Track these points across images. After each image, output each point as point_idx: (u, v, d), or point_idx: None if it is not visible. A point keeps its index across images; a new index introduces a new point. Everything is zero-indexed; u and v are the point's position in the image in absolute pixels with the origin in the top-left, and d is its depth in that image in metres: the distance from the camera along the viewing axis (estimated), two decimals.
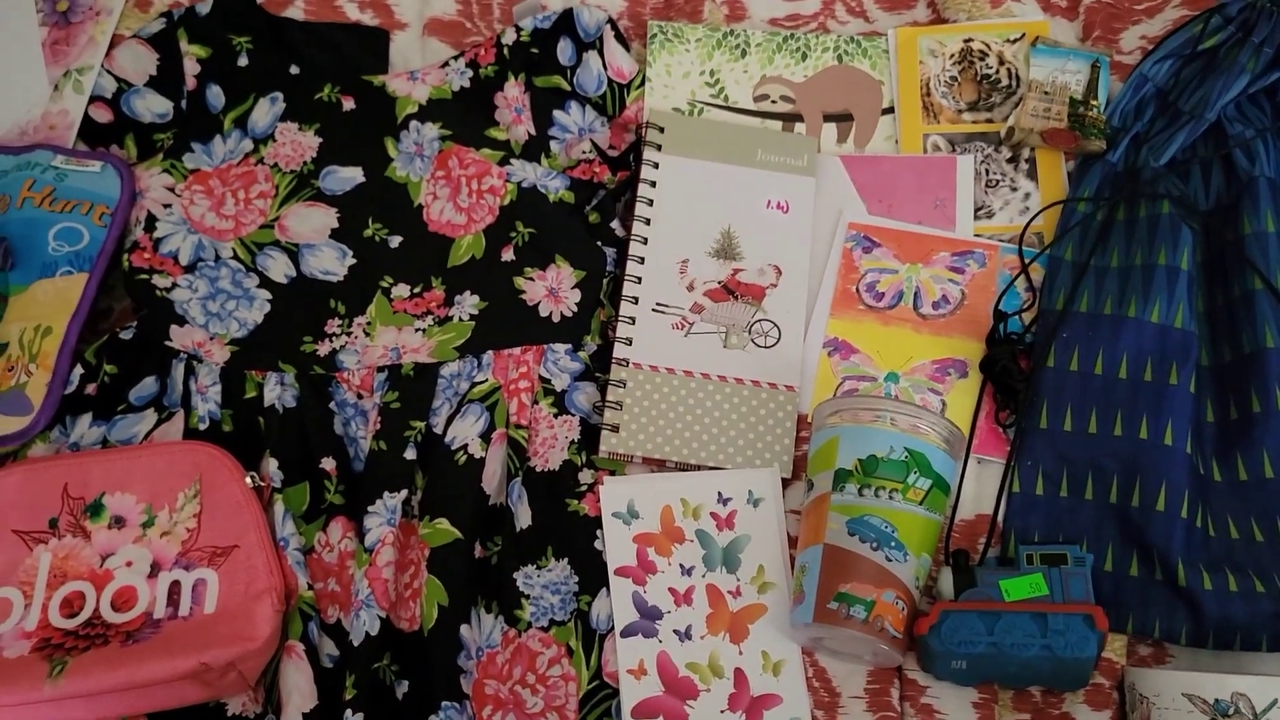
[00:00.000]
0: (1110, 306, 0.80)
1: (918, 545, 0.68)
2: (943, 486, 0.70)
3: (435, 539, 0.74)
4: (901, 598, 0.67)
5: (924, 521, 0.69)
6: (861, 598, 0.67)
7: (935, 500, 0.69)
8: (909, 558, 0.68)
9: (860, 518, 0.68)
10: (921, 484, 0.68)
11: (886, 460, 0.68)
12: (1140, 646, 0.75)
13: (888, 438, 0.69)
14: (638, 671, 0.73)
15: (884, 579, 0.67)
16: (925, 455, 0.68)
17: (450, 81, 0.88)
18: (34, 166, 0.85)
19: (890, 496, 0.68)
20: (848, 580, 0.67)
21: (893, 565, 0.67)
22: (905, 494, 0.68)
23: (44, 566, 0.72)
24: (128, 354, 0.79)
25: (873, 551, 0.67)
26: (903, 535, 0.68)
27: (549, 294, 0.82)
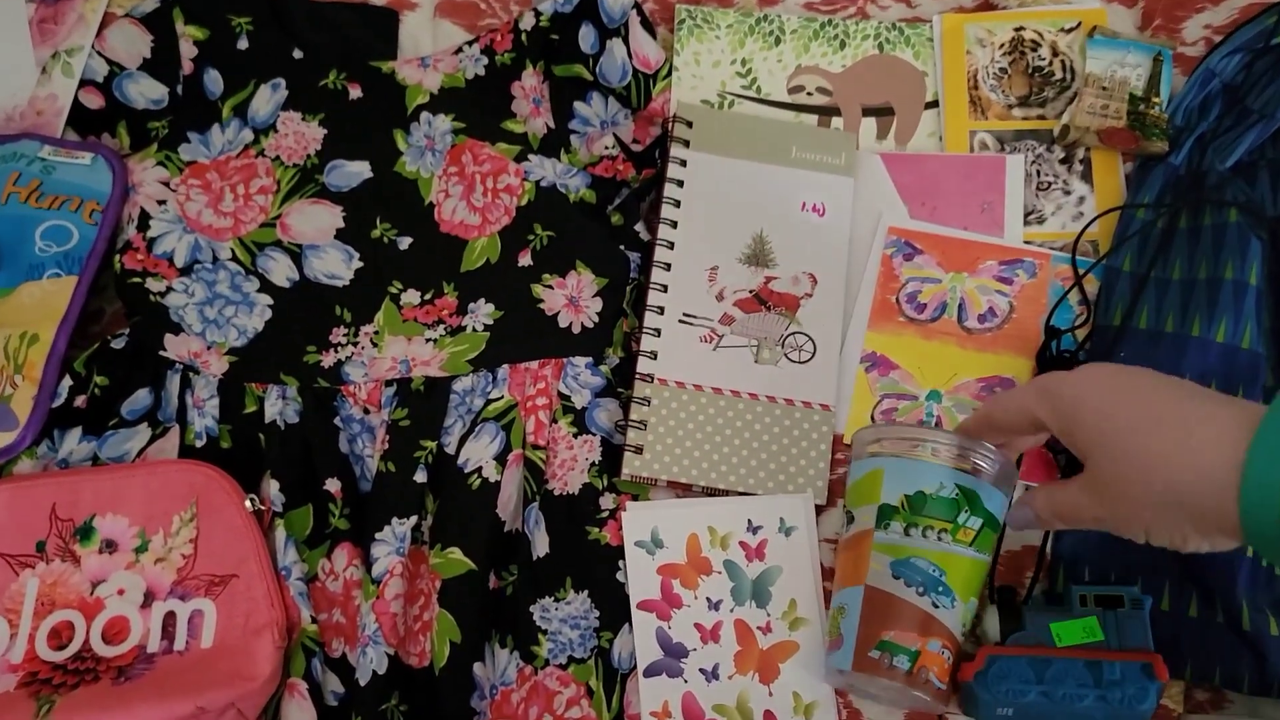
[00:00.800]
0: (1172, 324, 0.74)
1: (965, 589, 0.62)
2: (993, 525, 0.63)
3: (447, 570, 0.69)
4: (948, 646, 0.62)
5: (972, 563, 0.63)
6: (906, 647, 0.61)
7: (984, 540, 0.63)
8: (956, 603, 0.62)
9: (906, 559, 0.62)
10: (972, 524, 0.62)
11: (935, 498, 0.62)
12: (1198, 692, 0.70)
13: (938, 473, 0.62)
14: (661, 714, 0.68)
15: (930, 627, 0.61)
16: (977, 492, 0.62)
17: (464, 69, 0.82)
18: (20, 158, 0.79)
19: (939, 538, 0.62)
20: (890, 627, 0.61)
21: (940, 612, 0.61)
22: (955, 535, 0.62)
23: (31, 593, 0.68)
24: (120, 364, 0.75)
25: (919, 597, 0.62)
26: (951, 579, 0.62)
27: (569, 303, 0.77)
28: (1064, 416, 0.56)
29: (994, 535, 0.64)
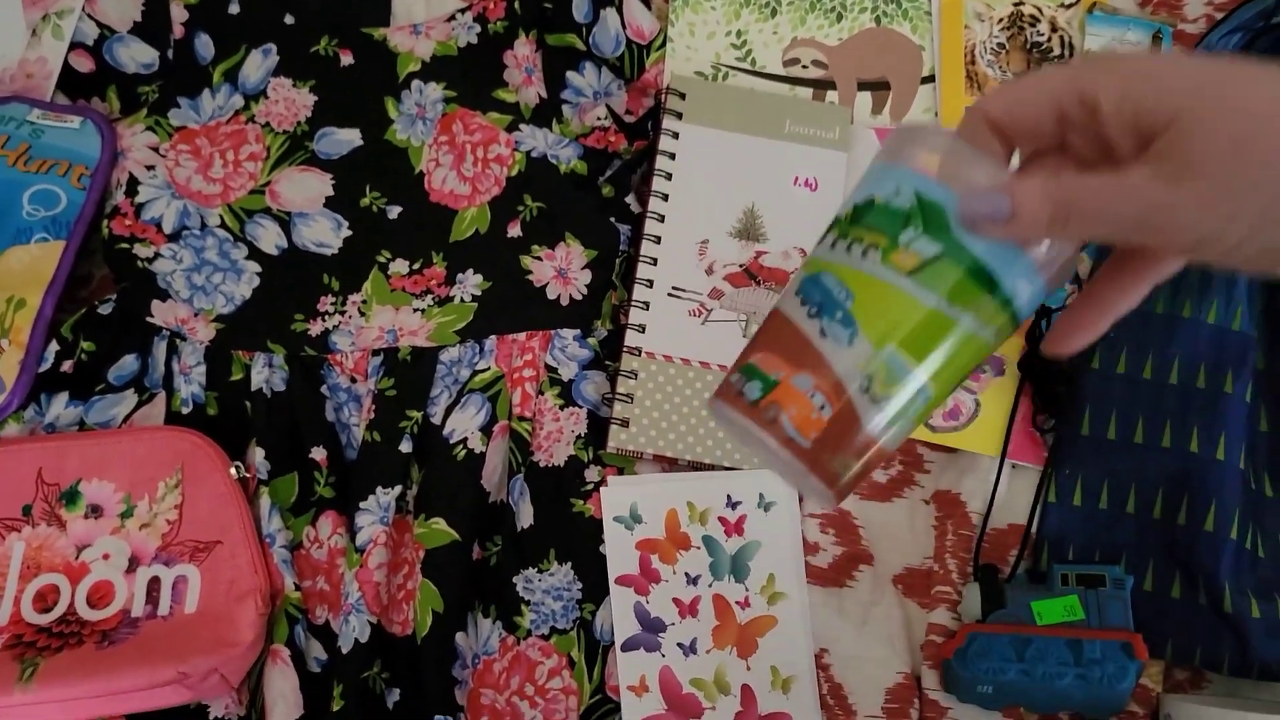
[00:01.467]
0: (1162, 305, 0.74)
1: (882, 330, 0.41)
2: (974, 274, 0.40)
3: (431, 540, 0.69)
4: (823, 390, 0.41)
5: (907, 302, 0.41)
6: (764, 373, 0.42)
7: (937, 277, 0.40)
8: (858, 341, 0.41)
9: (816, 275, 0.43)
10: (920, 247, 0.41)
11: (883, 206, 0.42)
12: (1177, 671, 0.70)
13: (898, 176, 0.42)
14: (639, 688, 0.68)
15: (804, 356, 0.42)
16: (942, 208, 0.40)
17: (456, 37, 0.82)
18: (8, 121, 0.79)
19: (865, 254, 0.42)
20: (761, 349, 0.43)
21: (825, 342, 0.41)
22: (887, 255, 0.41)
23: (17, 556, 0.68)
24: (107, 330, 0.74)
25: (808, 319, 0.42)
26: (859, 308, 0.41)
27: (557, 275, 0.77)
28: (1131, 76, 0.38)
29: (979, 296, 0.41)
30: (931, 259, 0.40)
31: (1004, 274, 0.40)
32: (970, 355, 0.41)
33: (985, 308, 0.40)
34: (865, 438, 0.41)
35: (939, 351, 0.41)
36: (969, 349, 0.40)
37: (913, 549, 0.74)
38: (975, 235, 0.39)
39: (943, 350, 0.41)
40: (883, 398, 0.40)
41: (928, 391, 0.41)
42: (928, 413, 0.42)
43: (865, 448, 0.41)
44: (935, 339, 0.41)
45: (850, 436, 0.41)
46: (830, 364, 0.41)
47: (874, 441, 0.41)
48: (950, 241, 0.40)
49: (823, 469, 0.41)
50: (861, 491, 0.75)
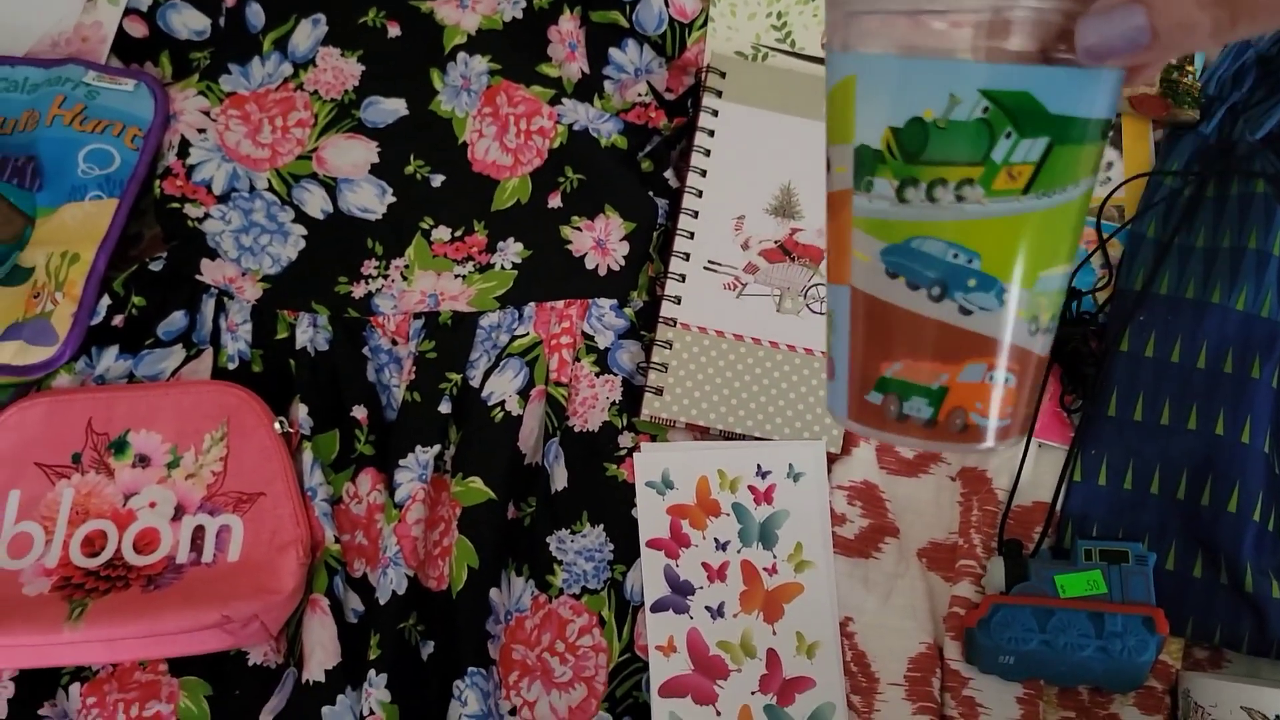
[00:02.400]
0: (1193, 290, 0.75)
1: (1029, 267, 0.34)
2: (1087, 135, 0.32)
3: (468, 498, 0.71)
4: (999, 366, 0.35)
5: (1038, 221, 0.33)
6: (923, 385, 0.36)
7: (1056, 171, 0.32)
8: (1009, 296, 0.34)
9: (906, 244, 0.34)
10: (1025, 155, 0.32)
11: (949, 128, 0.32)
12: (1196, 650, 0.72)
13: (947, 76, 0.32)
14: (667, 648, 0.70)
15: (957, 346, 0.35)
16: (1029, 93, 0.31)
17: (502, 11, 0.83)
18: (65, 82, 0.81)
19: (959, 196, 0.33)
20: (893, 354, 0.36)
21: (973, 319, 0.34)
22: (990, 184, 0.32)
23: (66, 502, 0.71)
24: (157, 286, 0.76)
25: (932, 303, 0.34)
26: (991, 262, 0.33)
27: (596, 245, 0.78)
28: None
29: (1080, 150, 0.33)
30: (1043, 159, 0.32)
31: (1112, 108, 0.33)
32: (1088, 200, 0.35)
33: (1100, 153, 0.34)
34: (1042, 361, 0.36)
35: (1072, 233, 0.34)
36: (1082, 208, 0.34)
37: (937, 523, 0.75)
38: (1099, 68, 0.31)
39: (1074, 228, 0.34)
40: (1052, 321, 0.35)
41: (1070, 269, 0.36)
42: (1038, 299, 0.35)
43: (1042, 369, 0.36)
44: (1070, 227, 0.34)
45: (1038, 373, 0.36)
46: (992, 336, 0.34)
47: (1047, 355, 0.36)
48: (1055, 125, 0.32)
49: (1026, 422, 0.37)
50: (889, 466, 0.76)
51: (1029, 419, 0.37)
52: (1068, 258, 0.34)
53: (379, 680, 0.66)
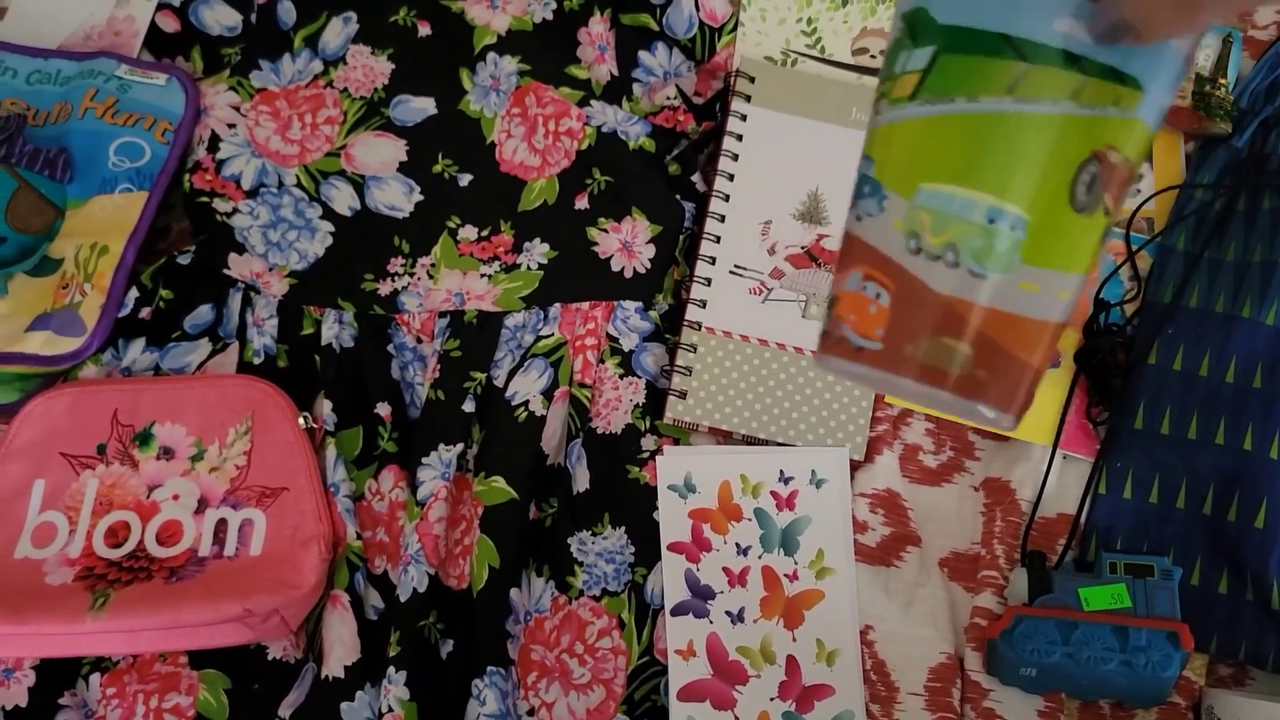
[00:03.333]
0: (1223, 304, 0.74)
1: (907, 174, 0.32)
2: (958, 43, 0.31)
3: (490, 497, 0.71)
4: (874, 277, 0.33)
5: (921, 127, 0.32)
6: (829, 294, 0.35)
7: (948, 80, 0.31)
8: (888, 203, 0.33)
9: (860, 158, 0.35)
10: (914, 62, 0.32)
11: (886, 51, 0.34)
12: (1220, 666, 0.71)
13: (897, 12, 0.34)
14: (686, 652, 0.70)
15: (848, 253, 0.35)
16: (924, 8, 0.32)
17: (532, 12, 0.83)
18: (97, 75, 0.81)
19: (876, 110, 0.34)
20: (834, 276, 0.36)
21: (861, 225, 0.34)
22: (890, 94, 0.33)
23: (90, 493, 0.71)
24: (185, 280, 0.77)
25: (850, 214, 0.35)
26: (881, 167, 0.33)
27: (622, 248, 0.78)
28: None
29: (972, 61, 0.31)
30: (928, 65, 0.31)
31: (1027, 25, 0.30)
32: (1045, 139, 0.30)
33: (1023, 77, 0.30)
34: (950, 307, 0.31)
35: (989, 158, 0.30)
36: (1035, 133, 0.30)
37: (960, 533, 0.75)
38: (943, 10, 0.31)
39: (994, 154, 0.30)
40: (946, 249, 0.31)
41: (1010, 214, 0.31)
42: (1047, 244, 0.31)
43: (958, 321, 0.31)
44: (979, 148, 0.31)
45: (929, 312, 0.31)
46: (867, 242, 0.33)
47: (970, 308, 0.31)
48: (942, 34, 0.31)
49: (909, 364, 0.32)
50: (912, 475, 0.76)
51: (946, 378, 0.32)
52: (965, 178, 0.31)
53: (398, 677, 0.66)
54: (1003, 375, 0.32)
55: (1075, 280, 0.32)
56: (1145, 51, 0.30)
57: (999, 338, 0.31)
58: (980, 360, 0.32)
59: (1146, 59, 0.30)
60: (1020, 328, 0.32)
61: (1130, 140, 0.31)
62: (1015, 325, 0.32)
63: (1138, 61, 0.30)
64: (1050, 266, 0.31)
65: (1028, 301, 0.31)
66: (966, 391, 0.32)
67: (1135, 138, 0.31)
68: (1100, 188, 0.31)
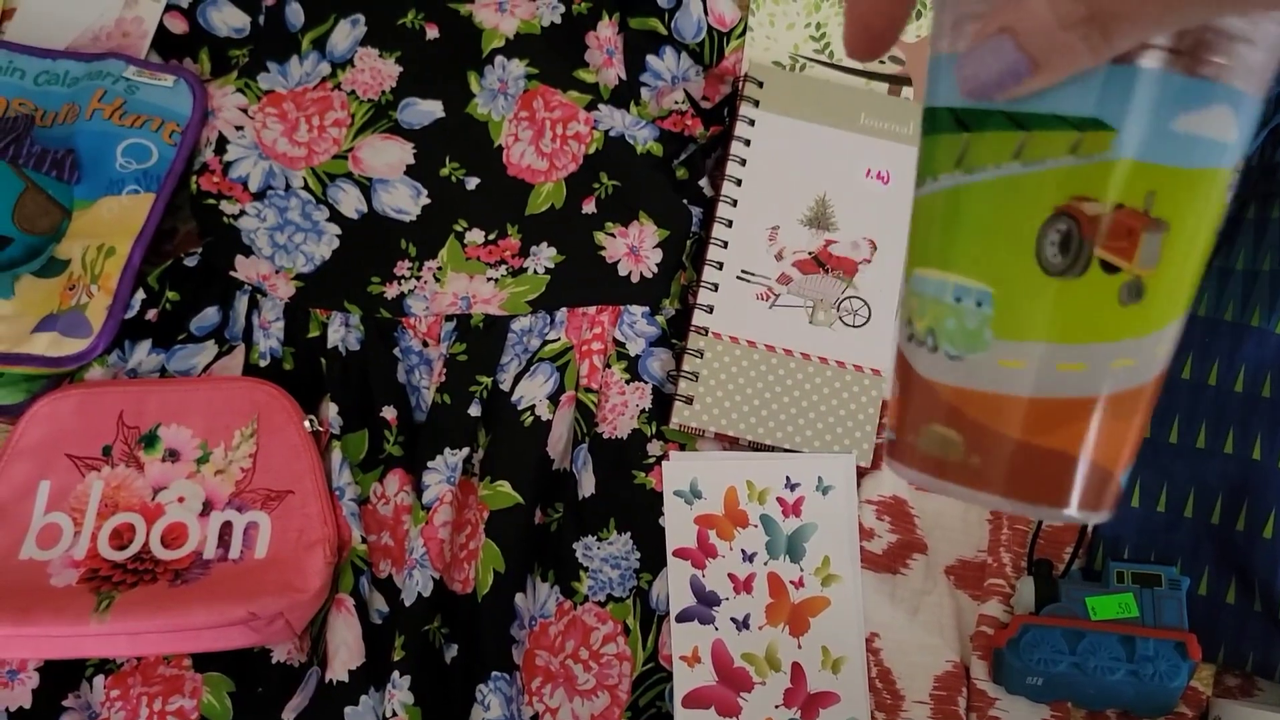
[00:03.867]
0: (1231, 313, 0.74)
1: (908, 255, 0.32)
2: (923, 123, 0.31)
3: (495, 502, 0.71)
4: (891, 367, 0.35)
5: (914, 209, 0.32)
6: None
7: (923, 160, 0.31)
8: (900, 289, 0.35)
9: None
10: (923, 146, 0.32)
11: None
12: (1228, 677, 0.71)
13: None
14: (691, 659, 0.70)
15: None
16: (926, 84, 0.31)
17: (540, 16, 0.83)
18: (105, 76, 0.81)
19: None
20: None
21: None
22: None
23: (95, 494, 0.71)
24: (191, 282, 0.77)
25: None
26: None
27: (629, 252, 0.78)
28: None
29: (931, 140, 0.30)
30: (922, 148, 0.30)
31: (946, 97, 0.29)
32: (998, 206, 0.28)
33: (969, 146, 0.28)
34: (941, 394, 0.30)
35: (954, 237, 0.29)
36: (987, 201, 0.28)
37: (966, 541, 0.75)
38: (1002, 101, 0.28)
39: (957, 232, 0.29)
40: (928, 334, 0.30)
41: (976, 291, 0.29)
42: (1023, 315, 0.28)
43: (952, 407, 0.29)
44: (941, 227, 0.29)
45: (920, 400, 0.30)
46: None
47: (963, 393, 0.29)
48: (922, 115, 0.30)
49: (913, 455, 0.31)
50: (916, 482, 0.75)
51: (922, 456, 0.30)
52: (935, 258, 0.29)
53: (402, 682, 0.66)
54: (1003, 462, 0.29)
55: (1089, 350, 0.28)
56: (1097, 83, 0.27)
57: (986, 420, 0.29)
58: (972, 447, 0.29)
59: (1101, 91, 0.27)
60: (1005, 407, 0.29)
61: (1114, 184, 0.27)
62: (999, 405, 0.29)
63: (1091, 97, 0.27)
64: (1030, 338, 0.28)
65: (1011, 378, 0.28)
66: (966, 481, 0.29)
67: (1123, 180, 0.27)
68: (1084, 245, 0.27)
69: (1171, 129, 0.27)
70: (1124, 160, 0.27)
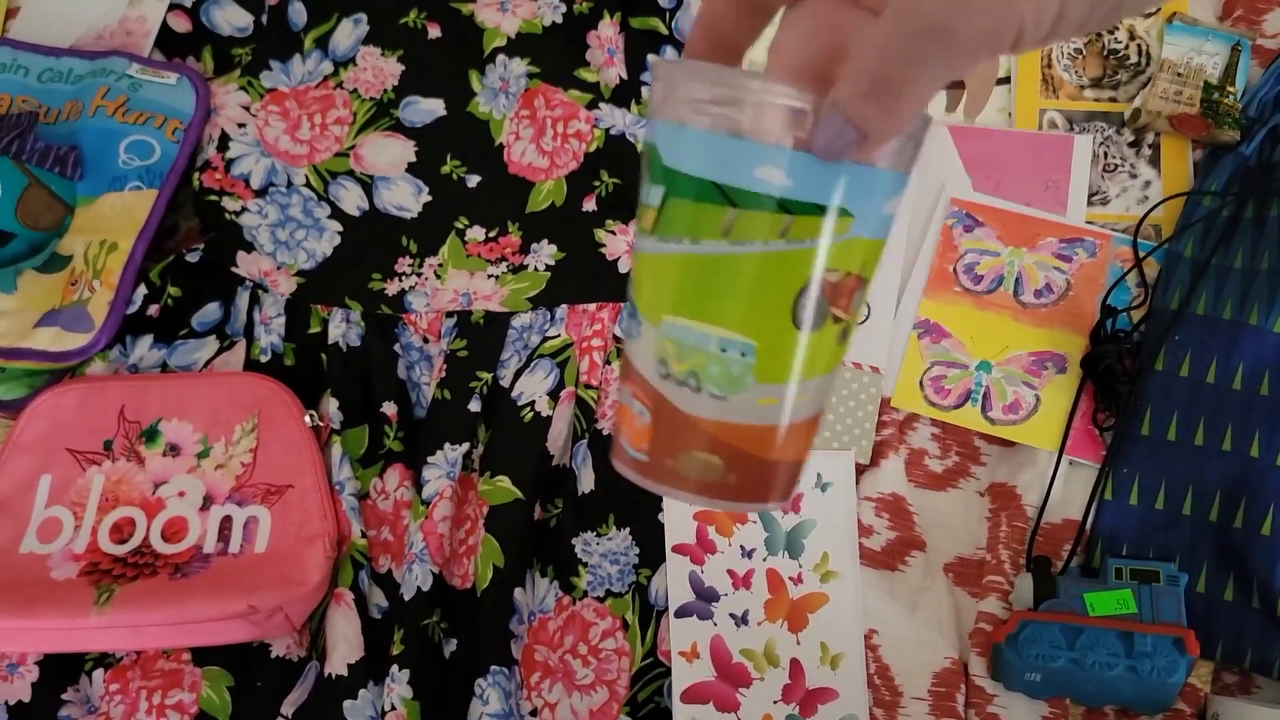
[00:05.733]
0: (1230, 311, 0.74)
1: (654, 305, 0.34)
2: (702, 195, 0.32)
3: (495, 497, 0.71)
4: (638, 396, 0.36)
5: (659, 262, 0.34)
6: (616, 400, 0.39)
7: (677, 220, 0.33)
8: (643, 328, 0.35)
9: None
10: (651, 198, 0.34)
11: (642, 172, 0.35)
12: (1226, 674, 0.71)
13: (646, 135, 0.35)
14: (690, 654, 0.70)
15: (622, 369, 0.37)
16: (654, 145, 0.33)
17: (542, 15, 0.84)
18: (109, 74, 0.82)
19: (638, 233, 0.36)
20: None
21: (628, 345, 0.36)
22: (640, 222, 0.35)
23: (96, 488, 0.71)
24: (193, 277, 0.77)
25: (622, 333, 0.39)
26: (638, 293, 0.35)
27: (630, 249, 0.78)
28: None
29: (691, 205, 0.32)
30: (661, 204, 0.33)
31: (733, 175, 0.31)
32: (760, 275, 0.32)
33: (735, 221, 0.32)
34: (697, 426, 0.34)
35: (715, 295, 0.33)
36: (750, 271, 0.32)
37: (965, 538, 0.75)
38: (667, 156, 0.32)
39: (719, 291, 0.33)
40: (689, 375, 0.34)
41: (741, 343, 0.33)
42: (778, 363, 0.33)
43: (713, 437, 0.34)
44: (701, 284, 0.33)
45: (680, 431, 0.34)
46: (635, 365, 0.36)
47: (724, 425, 0.34)
48: (667, 176, 0.33)
49: (674, 476, 0.35)
50: (917, 479, 0.76)
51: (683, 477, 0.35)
52: (697, 312, 0.33)
53: (401, 676, 0.66)
54: (755, 477, 0.35)
55: (815, 383, 0.35)
56: (850, 180, 0.31)
57: (745, 446, 0.34)
58: (730, 468, 0.34)
59: (851, 187, 0.32)
60: (763, 435, 0.34)
61: (849, 258, 0.33)
62: (758, 434, 0.34)
63: (842, 191, 0.32)
64: (784, 380, 0.34)
65: (767, 412, 0.34)
66: (724, 495, 0.35)
67: (855, 254, 0.33)
68: (825, 304, 0.33)
69: (884, 212, 0.33)
70: (859, 239, 0.32)
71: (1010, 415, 0.75)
